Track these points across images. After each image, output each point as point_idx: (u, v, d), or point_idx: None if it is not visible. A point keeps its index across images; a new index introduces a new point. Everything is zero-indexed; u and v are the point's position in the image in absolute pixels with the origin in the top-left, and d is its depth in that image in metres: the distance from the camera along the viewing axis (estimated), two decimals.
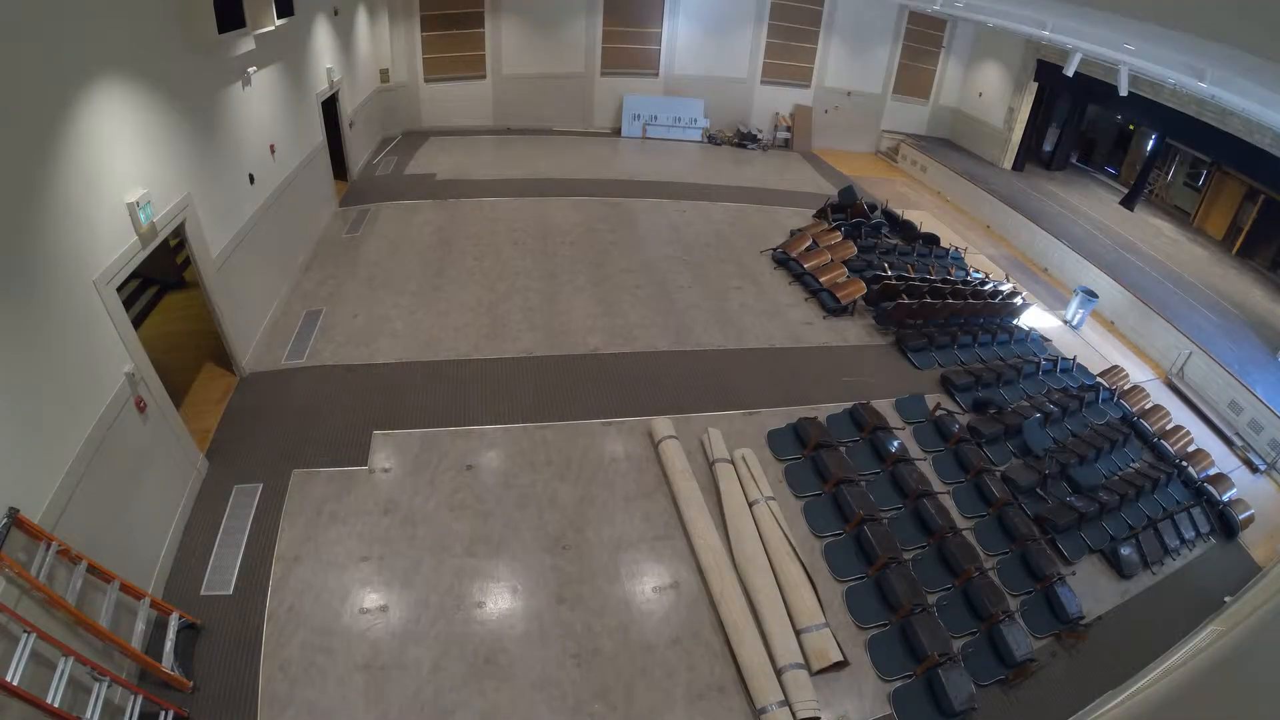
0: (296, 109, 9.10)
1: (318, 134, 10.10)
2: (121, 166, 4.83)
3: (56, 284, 4.04)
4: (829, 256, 10.73)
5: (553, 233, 11.25)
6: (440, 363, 7.73)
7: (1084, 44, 9.44)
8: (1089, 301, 10.56)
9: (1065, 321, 10.76)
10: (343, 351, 7.72)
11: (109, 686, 3.65)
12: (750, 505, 6.10)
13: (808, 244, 11.05)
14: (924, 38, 17.60)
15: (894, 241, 12.11)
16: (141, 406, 4.83)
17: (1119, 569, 6.33)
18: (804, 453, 6.87)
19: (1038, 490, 6.90)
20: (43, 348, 3.87)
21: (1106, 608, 5.99)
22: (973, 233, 13.94)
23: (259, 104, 7.69)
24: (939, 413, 7.69)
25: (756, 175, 15.59)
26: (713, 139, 17.48)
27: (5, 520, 3.31)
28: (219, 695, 4.30)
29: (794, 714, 4.57)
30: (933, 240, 12.36)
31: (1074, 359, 9.38)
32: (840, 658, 4.95)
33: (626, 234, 11.54)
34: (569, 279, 9.84)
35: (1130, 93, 10.70)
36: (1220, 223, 14.08)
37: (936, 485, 6.76)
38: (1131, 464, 7.85)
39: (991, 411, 7.89)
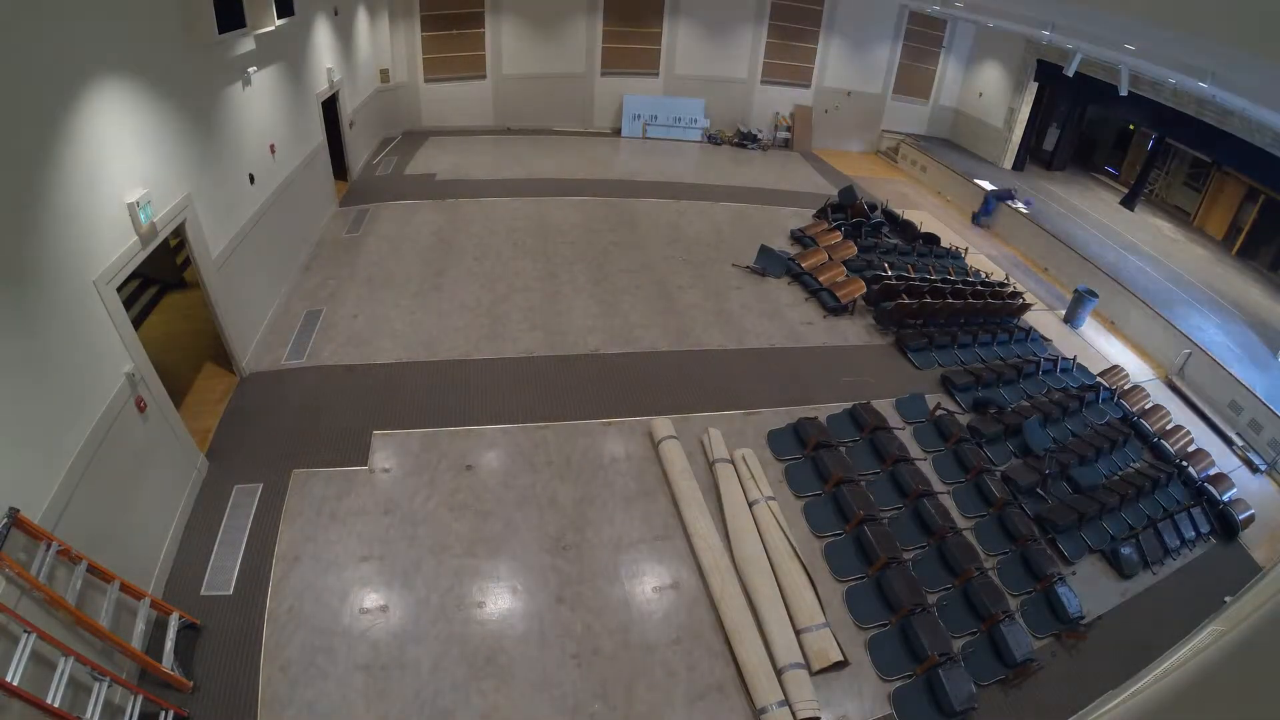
0: (296, 109, 9.10)
1: (318, 134, 10.10)
2: (121, 166, 4.83)
3: (56, 284, 4.04)
4: (827, 256, 10.73)
5: (553, 233, 11.25)
6: (440, 363, 7.73)
7: (1084, 44, 9.44)
8: (1089, 301, 10.56)
9: (1067, 322, 10.77)
10: (343, 351, 7.72)
11: (109, 686, 3.65)
12: (750, 505, 6.10)
13: (824, 260, 10.86)
14: (924, 38, 17.60)
15: (894, 241, 12.12)
16: (141, 406, 4.83)
17: (1119, 569, 6.33)
18: (804, 453, 6.87)
19: (1038, 490, 6.90)
20: (43, 348, 3.87)
21: (1106, 608, 5.99)
22: (973, 233, 13.94)
23: (259, 104, 7.69)
24: (939, 413, 7.69)
25: (756, 175, 15.59)
26: (713, 139, 17.48)
27: (5, 520, 3.31)
28: (219, 695, 4.30)
29: (794, 714, 4.57)
30: (933, 240, 12.37)
31: (1074, 359, 9.38)
32: (840, 658, 4.95)
33: (626, 234, 11.54)
34: (569, 279, 9.84)
35: (1130, 92, 10.69)
36: (1220, 223, 14.07)
37: (937, 485, 6.76)
38: (1131, 464, 7.85)
39: (992, 411, 7.88)
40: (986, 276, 11.29)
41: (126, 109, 4.91)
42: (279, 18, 7.68)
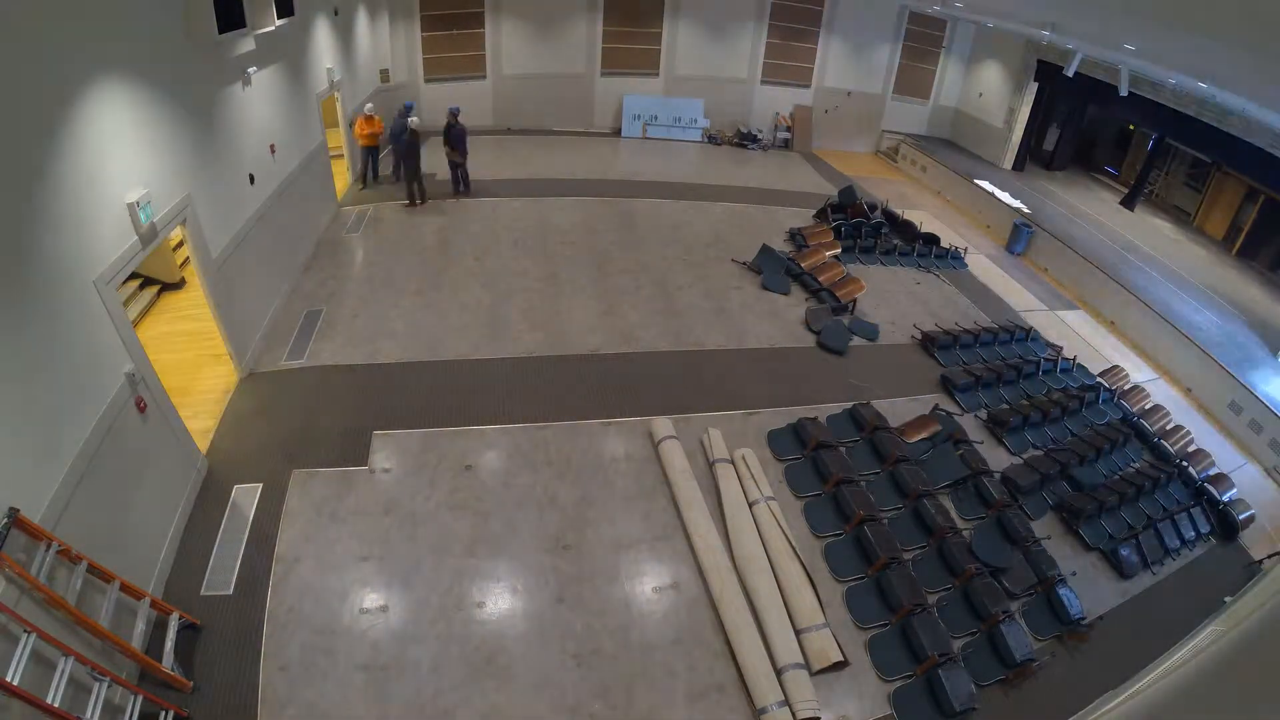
0: (296, 109, 9.10)
1: (317, 134, 10.10)
2: (122, 167, 4.83)
3: (57, 284, 4.04)
4: (825, 255, 10.73)
5: (553, 233, 11.25)
6: (440, 363, 7.73)
7: (1084, 44, 9.45)
8: (1025, 231, 12.47)
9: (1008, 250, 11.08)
10: (343, 351, 7.72)
11: (109, 686, 3.65)
12: (750, 505, 6.10)
13: (822, 260, 10.79)
14: (924, 38, 17.60)
15: (895, 242, 12.11)
16: (141, 406, 4.83)
17: (1119, 569, 6.33)
18: (804, 453, 6.87)
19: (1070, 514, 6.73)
20: (43, 348, 3.87)
21: (1106, 608, 5.99)
22: (972, 233, 13.94)
23: (259, 104, 7.69)
24: (938, 413, 7.68)
25: (756, 175, 15.59)
26: (713, 139, 17.48)
27: (5, 520, 3.31)
28: (219, 695, 4.30)
29: (794, 714, 4.57)
30: (933, 240, 12.37)
31: (1074, 359, 9.38)
32: (840, 658, 4.94)
33: (626, 234, 11.54)
34: (569, 279, 9.84)
35: (1130, 93, 10.69)
36: (1220, 223, 14.07)
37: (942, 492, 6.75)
38: (1131, 464, 7.84)
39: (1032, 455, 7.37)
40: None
41: (127, 109, 4.91)
42: (279, 18, 7.68)
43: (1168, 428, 8.44)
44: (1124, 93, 10.47)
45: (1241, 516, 7.20)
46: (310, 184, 9.81)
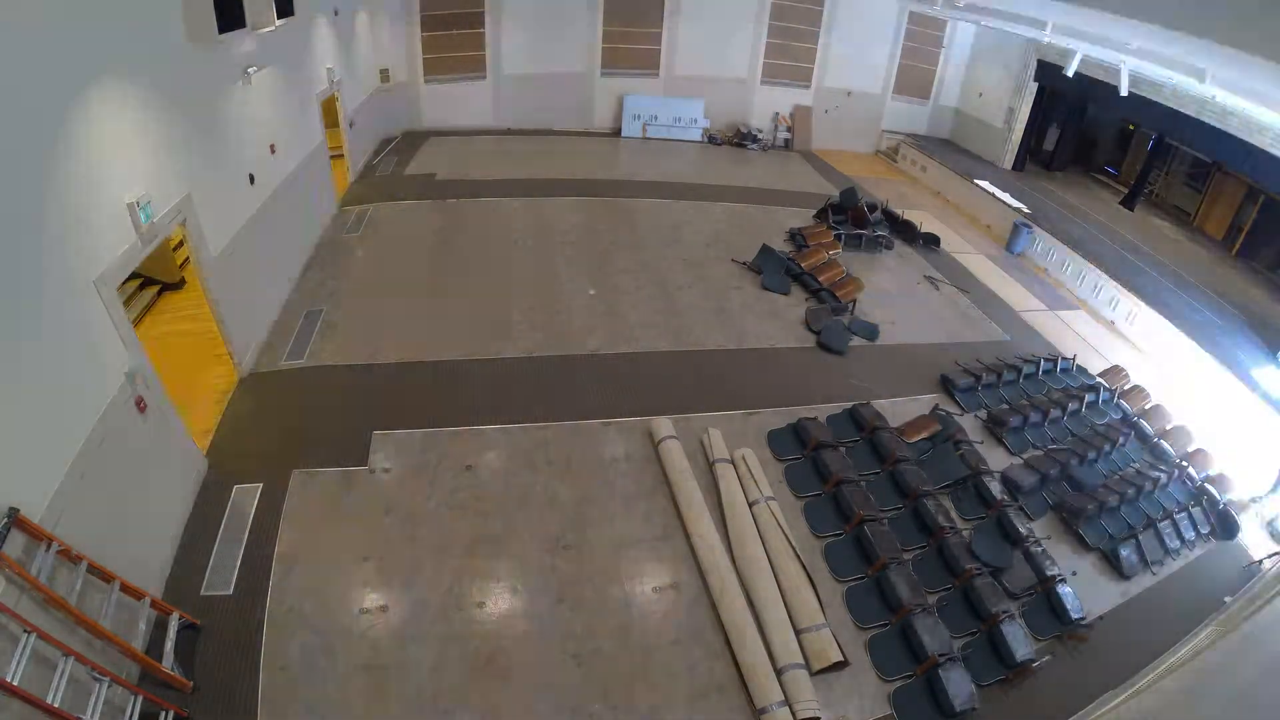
0: (296, 109, 9.10)
1: (318, 134, 10.10)
2: (122, 166, 4.83)
3: (57, 284, 4.04)
4: (825, 255, 10.73)
5: (553, 233, 11.25)
6: (440, 363, 7.73)
7: (1084, 44, 9.43)
8: (1025, 231, 12.44)
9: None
10: (343, 351, 7.72)
11: (109, 686, 3.65)
12: (750, 505, 6.10)
13: (822, 260, 10.78)
14: (924, 38, 17.58)
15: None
16: (141, 406, 4.83)
17: (1119, 569, 6.33)
18: (804, 453, 6.87)
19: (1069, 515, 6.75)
20: (43, 347, 3.87)
21: (1106, 608, 5.99)
22: (972, 233, 13.93)
23: (259, 104, 7.68)
24: (938, 413, 7.68)
25: (756, 175, 15.58)
26: (713, 139, 17.47)
27: (5, 520, 3.31)
28: (219, 695, 4.30)
29: (794, 714, 4.57)
30: (933, 240, 12.35)
31: (1074, 359, 9.38)
32: (840, 658, 4.94)
33: (626, 234, 11.54)
34: (569, 279, 9.83)
35: (1130, 92, 10.67)
36: (1220, 223, 14.06)
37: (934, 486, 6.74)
38: (1132, 464, 7.84)
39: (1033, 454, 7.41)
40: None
41: (127, 109, 4.91)
42: (279, 18, 7.67)
43: (1168, 428, 8.44)
44: (1124, 93, 10.45)
45: (1241, 516, 7.19)
46: (310, 184, 9.81)
